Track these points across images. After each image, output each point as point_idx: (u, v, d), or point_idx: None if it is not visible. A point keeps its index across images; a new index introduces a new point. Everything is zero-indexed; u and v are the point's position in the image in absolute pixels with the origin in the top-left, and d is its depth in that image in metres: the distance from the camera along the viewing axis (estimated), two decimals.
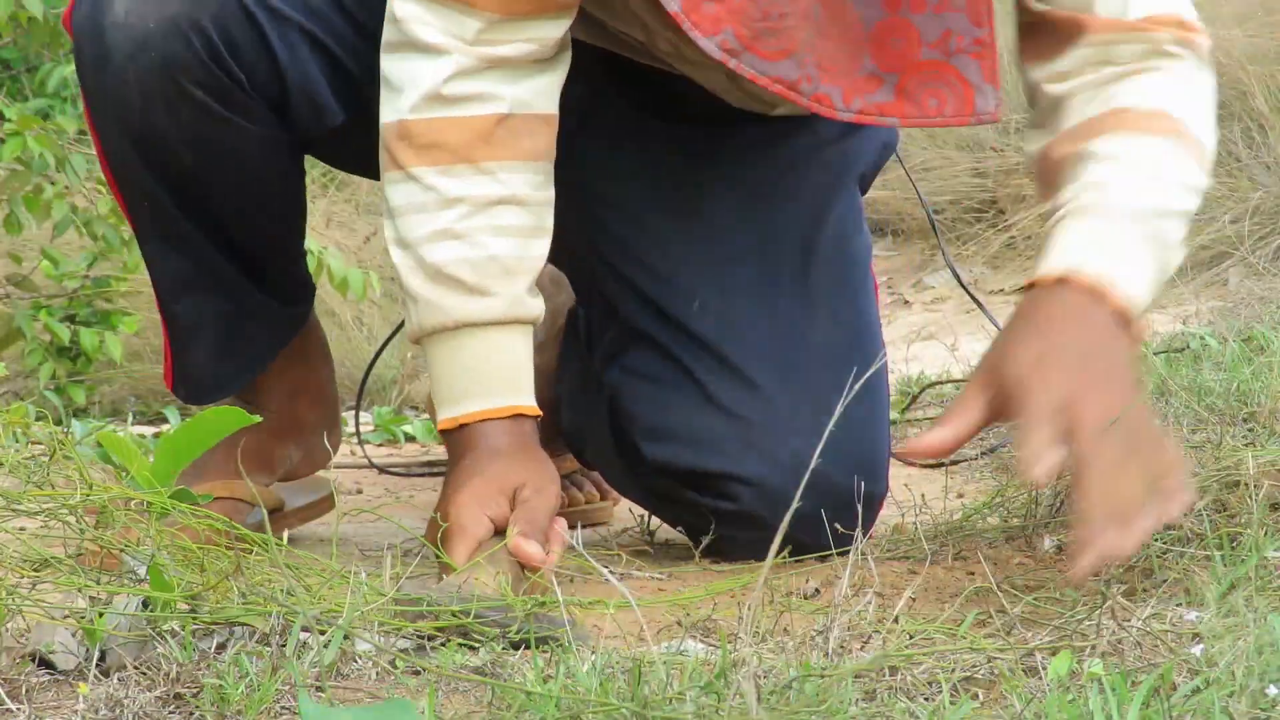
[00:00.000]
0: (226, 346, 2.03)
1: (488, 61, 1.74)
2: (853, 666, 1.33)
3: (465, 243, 1.74)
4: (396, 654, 1.47)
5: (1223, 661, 1.27)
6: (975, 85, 1.78)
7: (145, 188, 1.93)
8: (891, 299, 4.92)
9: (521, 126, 1.76)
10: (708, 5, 1.73)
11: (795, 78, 1.76)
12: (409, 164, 1.74)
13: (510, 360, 1.76)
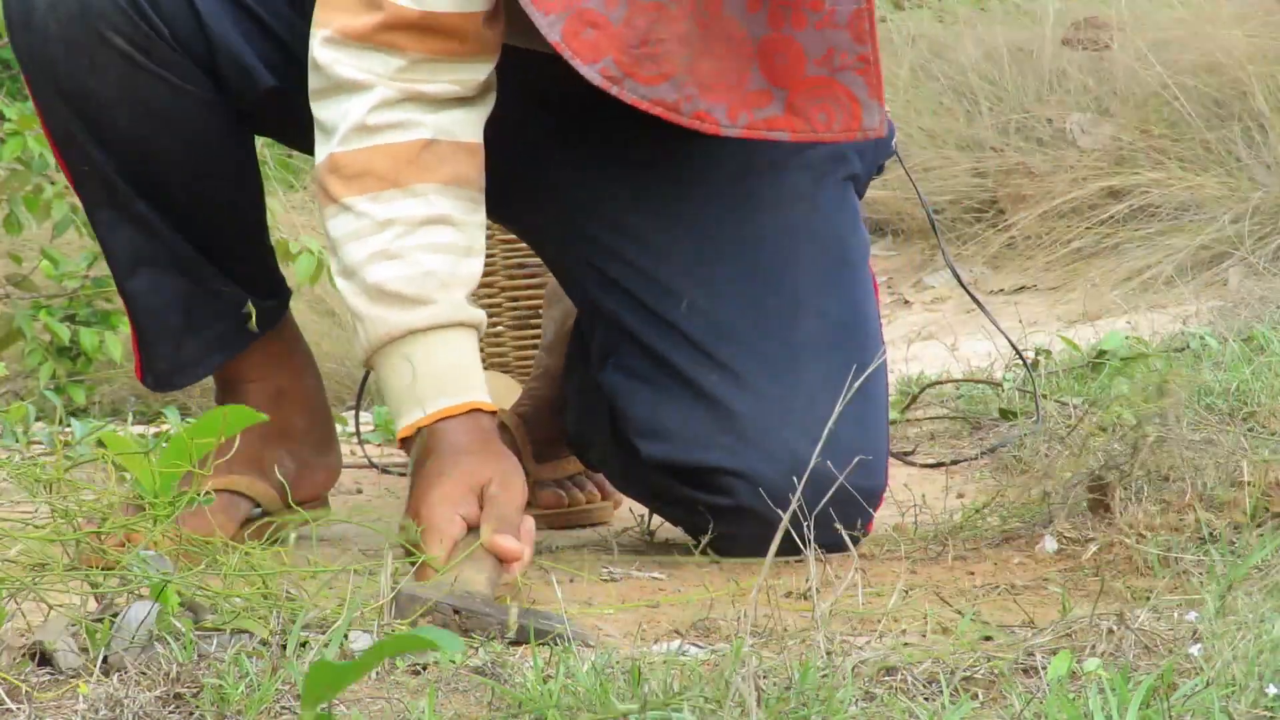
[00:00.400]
0: (187, 328, 2.03)
1: (409, 94, 1.79)
2: (852, 666, 1.33)
3: (401, 261, 1.78)
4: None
5: (1222, 661, 1.27)
6: (861, 101, 1.81)
7: (86, 152, 1.94)
8: (891, 299, 4.91)
9: (446, 152, 1.80)
10: (587, 33, 1.77)
11: (674, 99, 1.80)
12: (341, 195, 1.79)
13: (458, 359, 1.78)
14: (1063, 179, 4.48)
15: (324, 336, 4.10)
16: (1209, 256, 4.48)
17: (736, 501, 1.91)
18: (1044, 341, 3.29)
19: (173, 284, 2.01)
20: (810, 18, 1.78)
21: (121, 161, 1.95)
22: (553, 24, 1.77)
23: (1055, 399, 2.68)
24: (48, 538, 1.57)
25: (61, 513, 1.60)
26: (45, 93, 1.94)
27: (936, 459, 2.75)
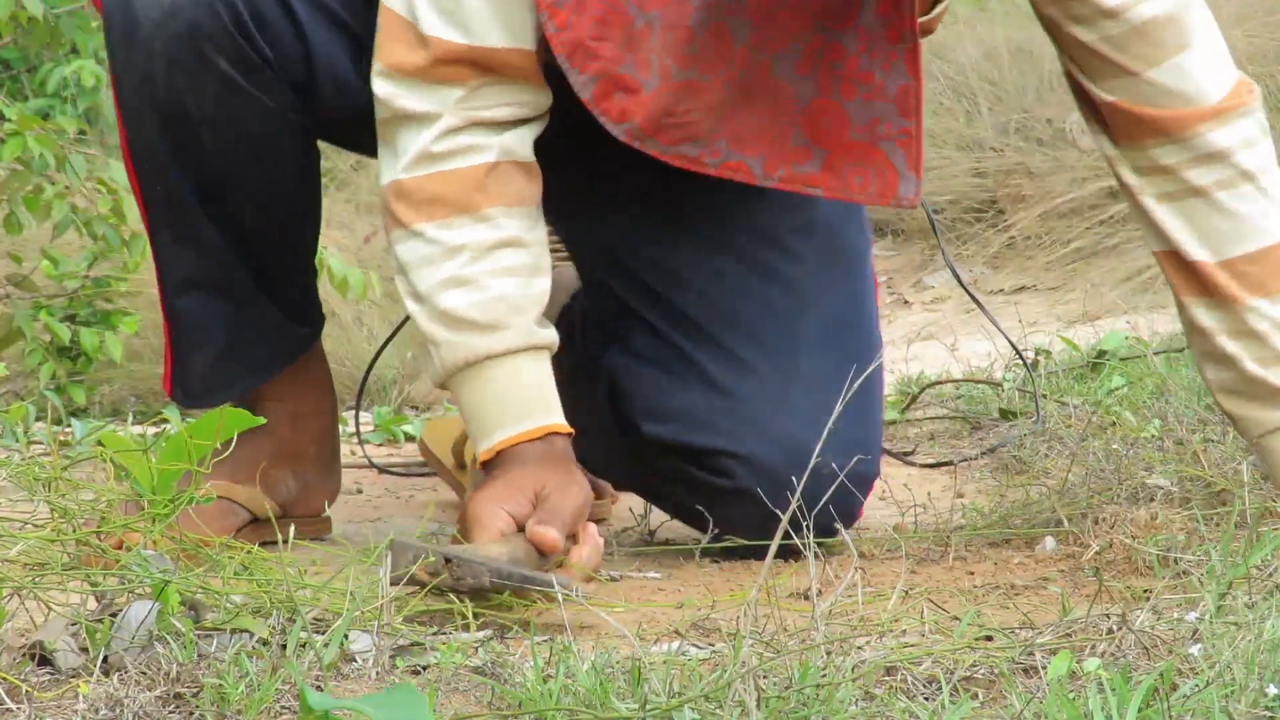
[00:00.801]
0: (228, 351, 2.05)
1: (473, 121, 1.83)
2: (852, 665, 1.33)
3: (472, 288, 1.82)
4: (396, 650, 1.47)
5: (1222, 661, 1.27)
6: (899, 172, 1.85)
7: (164, 172, 1.97)
8: (891, 299, 4.91)
9: (510, 173, 1.85)
10: (618, 96, 1.84)
11: (696, 154, 1.86)
12: (410, 222, 1.83)
13: (534, 382, 1.83)
14: (1063, 179, 4.48)
15: (324, 337, 4.09)
16: None
17: (735, 484, 1.94)
18: (1044, 341, 3.29)
19: (222, 308, 2.04)
20: (860, 89, 1.83)
21: (199, 182, 1.97)
22: (586, 84, 1.83)
23: (1055, 399, 2.68)
24: (48, 537, 1.57)
25: (61, 512, 1.60)
26: (136, 107, 1.96)
27: (936, 459, 2.75)
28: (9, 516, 1.64)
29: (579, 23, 1.81)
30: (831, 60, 1.84)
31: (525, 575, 1.59)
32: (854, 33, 1.82)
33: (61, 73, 5.18)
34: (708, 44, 1.83)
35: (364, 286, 3.43)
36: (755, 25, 1.83)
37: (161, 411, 3.54)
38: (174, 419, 3.06)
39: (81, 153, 3.41)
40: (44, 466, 1.66)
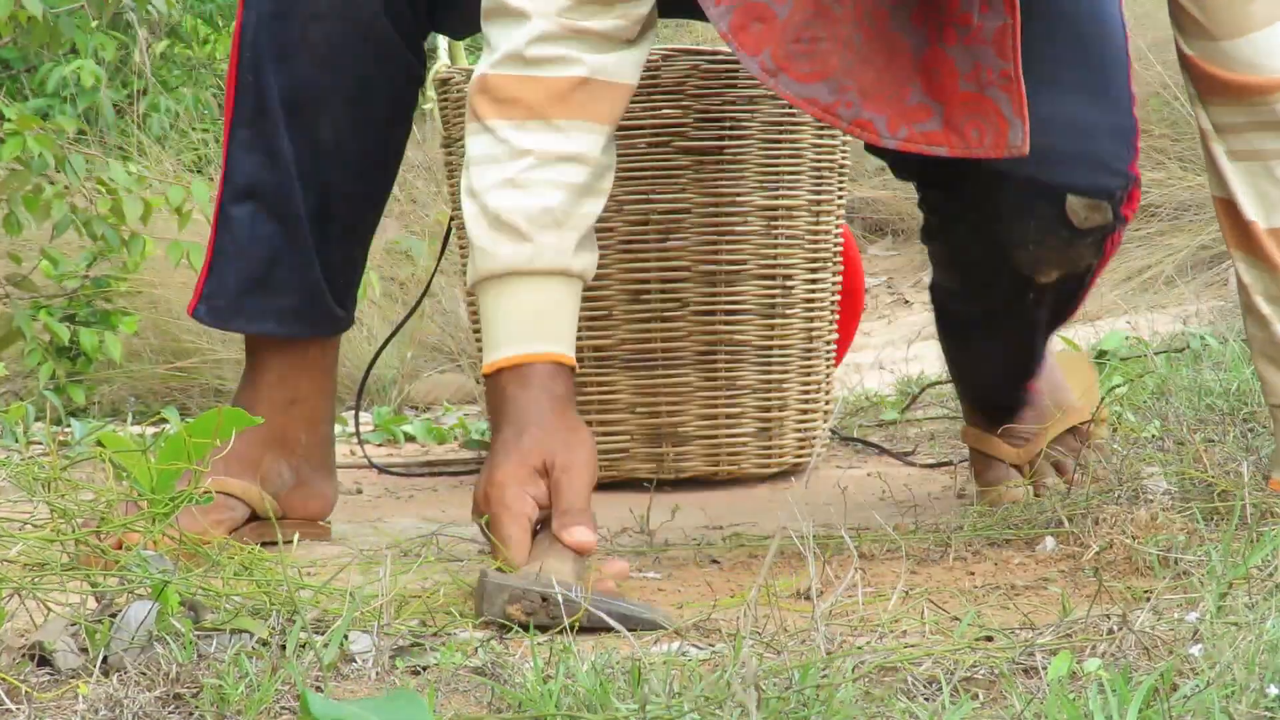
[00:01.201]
0: (262, 280, 2.05)
1: (572, 31, 1.81)
2: (852, 665, 1.33)
3: (525, 192, 1.80)
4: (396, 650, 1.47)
5: (1223, 662, 1.27)
6: (1008, 119, 1.83)
7: (261, 65, 2.00)
8: (892, 299, 4.92)
9: (599, 92, 1.83)
10: (754, 25, 1.81)
11: (831, 101, 1.82)
12: (486, 116, 1.82)
13: (552, 308, 1.82)
14: None
15: None
16: (1209, 256, 4.48)
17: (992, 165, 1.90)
18: None
19: (270, 231, 2.04)
20: (959, 33, 1.82)
21: (289, 87, 2.00)
22: (723, 14, 1.81)
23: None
24: (47, 538, 1.57)
25: (60, 512, 1.60)
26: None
27: (936, 459, 2.75)
28: (9, 516, 1.64)
29: None
30: (936, 5, 1.82)
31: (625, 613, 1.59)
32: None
33: (61, 73, 5.18)
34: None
35: (364, 286, 3.43)
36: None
37: (161, 412, 3.55)
38: (173, 419, 3.06)
39: (81, 152, 3.41)
40: (43, 466, 1.66)
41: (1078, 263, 1.94)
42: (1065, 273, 1.95)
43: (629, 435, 2.57)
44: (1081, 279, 2.01)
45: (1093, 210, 1.88)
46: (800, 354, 2.64)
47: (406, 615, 1.59)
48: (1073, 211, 1.87)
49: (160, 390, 4.13)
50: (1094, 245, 1.93)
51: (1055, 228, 1.89)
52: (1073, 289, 2.05)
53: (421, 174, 5.39)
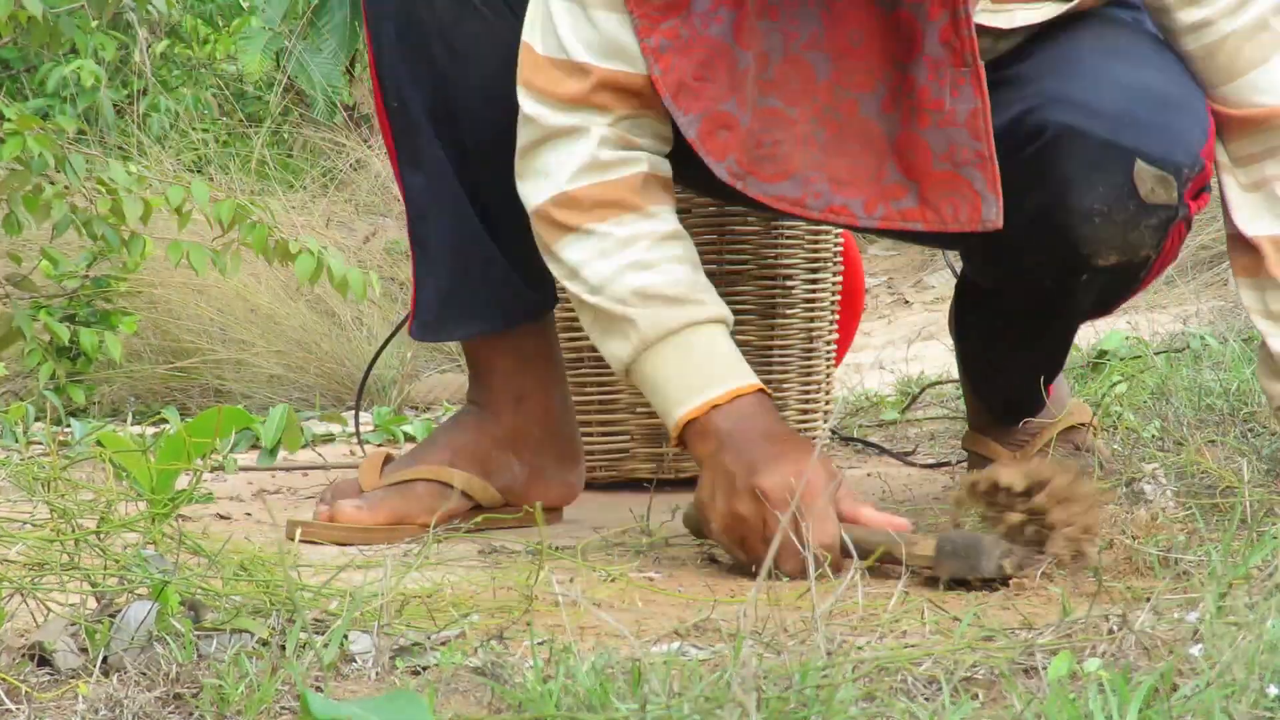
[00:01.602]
0: (455, 285, 2.13)
1: (623, 142, 1.93)
2: (852, 665, 1.33)
3: (656, 271, 1.91)
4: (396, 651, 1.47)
5: (1223, 662, 1.27)
6: (982, 195, 1.88)
7: (400, 85, 2.09)
8: (892, 299, 4.92)
9: (662, 184, 1.95)
10: (721, 133, 1.91)
11: (798, 195, 1.91)
12: (580, 223, 1.92)
13: (732, 351, 1.91)
14: None
15: (324, 337, 4.10)
16: (1209, 256, 4.49)
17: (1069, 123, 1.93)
18: None
19: (454, 240, 2.12)
20: (933, 117, 1.88)
21: (429, 97, 2.08)
22: (691, 123, 1.90)
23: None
24: (48, 538, 1.57)
25: (60, 512, 1.60)
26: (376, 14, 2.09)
27: (937, 459, 2.75)
28: (9, 516, 1.64)
29: (682, 65, 1.89)
30: (907, 92, 1.88)
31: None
32: (921, 62, 1.87)
33: (61, 72, 5.18)
34: (787, 74, 1.90)
35: (364, 286, 3.43)
36: (833, 60, 1.89)
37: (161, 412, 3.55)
38: (173, 419, 3.06)
39: (81, 152, 3.41)
40: (43, 466, 1.66)
41: (1137, 248, 1.93)
42: (1122, 260, 1.94)
43: (629, 435, 2.57)
44: (1132, 275, 2.00)
45: (1159, 183, 1.89)
46: (800, 354, 2.64)
47: (407, 615, 1.59)
48: (1140, 179, 1.88)
49: (160, 390, 4.13)
50: (1155, 230, 1.92)
51: (1122, 198, 1.89)
52: (1118, 288, 2.05)
53: None
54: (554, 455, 2.20)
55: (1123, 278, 2.00)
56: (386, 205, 5.29)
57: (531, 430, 2.18)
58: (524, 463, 2.18)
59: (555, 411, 2.20)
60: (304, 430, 2.99)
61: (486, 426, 2.17)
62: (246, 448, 2.93)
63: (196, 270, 3.43)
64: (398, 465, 2.18)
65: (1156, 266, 2.01)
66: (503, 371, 2.17)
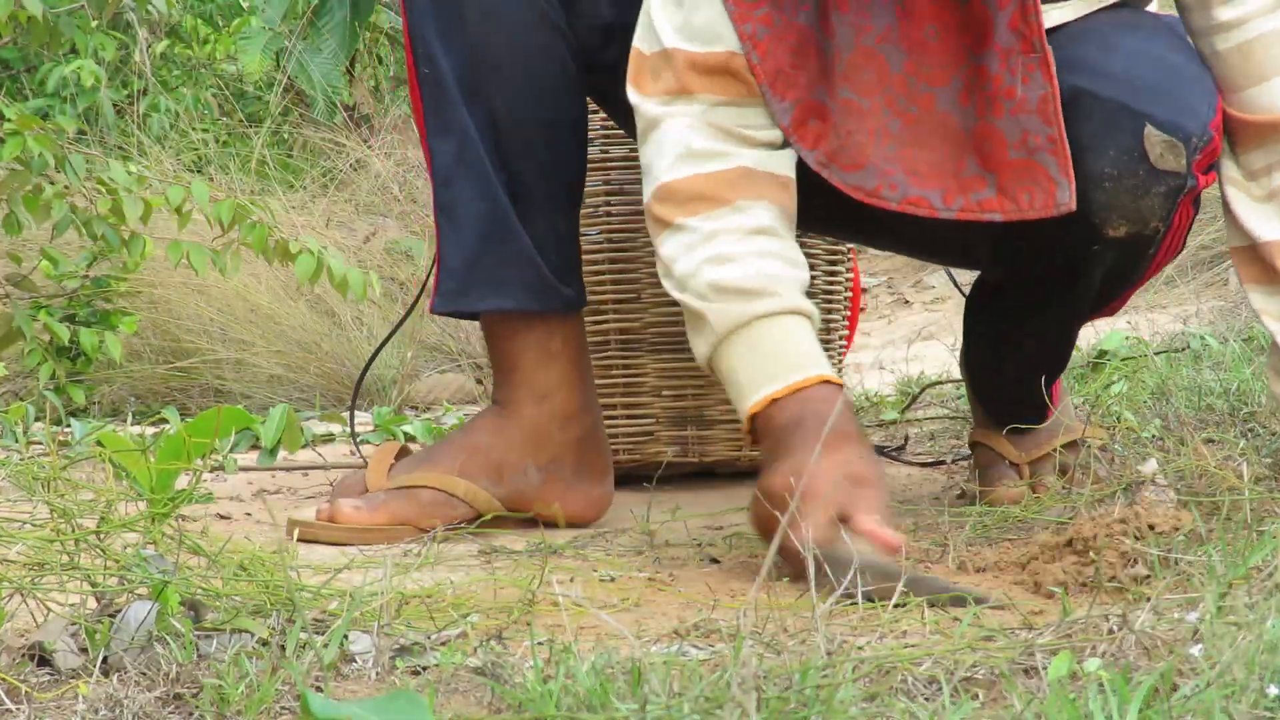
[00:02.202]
0: (478, 253, 2.12)
1: (721, 129, 1.93)
2: (852, 665, 1.33)
3: (736, 264, 1.90)
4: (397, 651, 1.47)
5: (1223, 662, 1.27)
6: (1055, 180, 1.90)
7: (433, 53, 2.09)
8: (892, 299, 4.92)
9: (761, 180, 1.93)
10: (812, 122, 1.93)
11: (873, 186, 1.93)
12: (674, 218, 1.93)
13: (803, 340, 1.90)
14: None
15: (324, 337, 4.10)
16: (1209, 256, 4.48)
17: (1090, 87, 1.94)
18: None
19: (480, 210, 2.12)
20: (1006, 105, 1.90)
21: (461, 67, 2.09)
22: (785, 110, 1.93)
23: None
24: (48, 538, 1.57)
25: (60, 512, 1.59)
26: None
27: (934, 457, 2.75)
28: (9, 516, 1.64)
29: (778, 51, 1.92)
30: (981, 84, 1.91)
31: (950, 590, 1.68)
32: (993, 52, 1.90)
33: (61, 72, 5.17)
34: (859, 66, 1.92)
35: (364, 286, 3.42)
36: (907, 54, 1.92)
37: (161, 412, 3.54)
38: (173, 419, 3.06)
39: (81, 152, 3.41)
40: (43, 466, 1.66)
41: (1146, 218, 1.94)
42: (1132, 231, 1.95)
43: (654, 419, 2.57)
44: (1140, 253, 2.01)
45: (1169, 149, 1.91)
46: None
47: (407, 615, 1.59)
48: (1150, 144, 1.90)
49: (160, 390, 4.12)
50: (1165, 199, 1.93)
51: (1133, 163, 1.91)
52: (1126, 268, 2.05)
53: (421, 174, 5.39)
54: (575, 462, 2.18)
55: (1131, 255, 2.00)
56: (386, 205, 5.29)
57: (553, 431, 2.16)
58: (541, 468, 2.16)
59: (578, 414, 2.18)
60: (304, 430, 2.99)
61: (505, 428, 2.15)
62: (246, 448, 2.93)
63: (196, 270, 3.43)
64: (408, 465, 2.16)
65: (1162, 252, 2.02)
66: (526, 366, 2.15)
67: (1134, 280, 2.08)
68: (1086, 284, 2.07)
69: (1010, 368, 2.26)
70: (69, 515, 1.59)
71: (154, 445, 1.65)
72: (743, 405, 1.89)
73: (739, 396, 1.90)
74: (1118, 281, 2.08)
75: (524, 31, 2.09)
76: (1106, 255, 2.00)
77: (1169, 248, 2.02)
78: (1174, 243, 2.02)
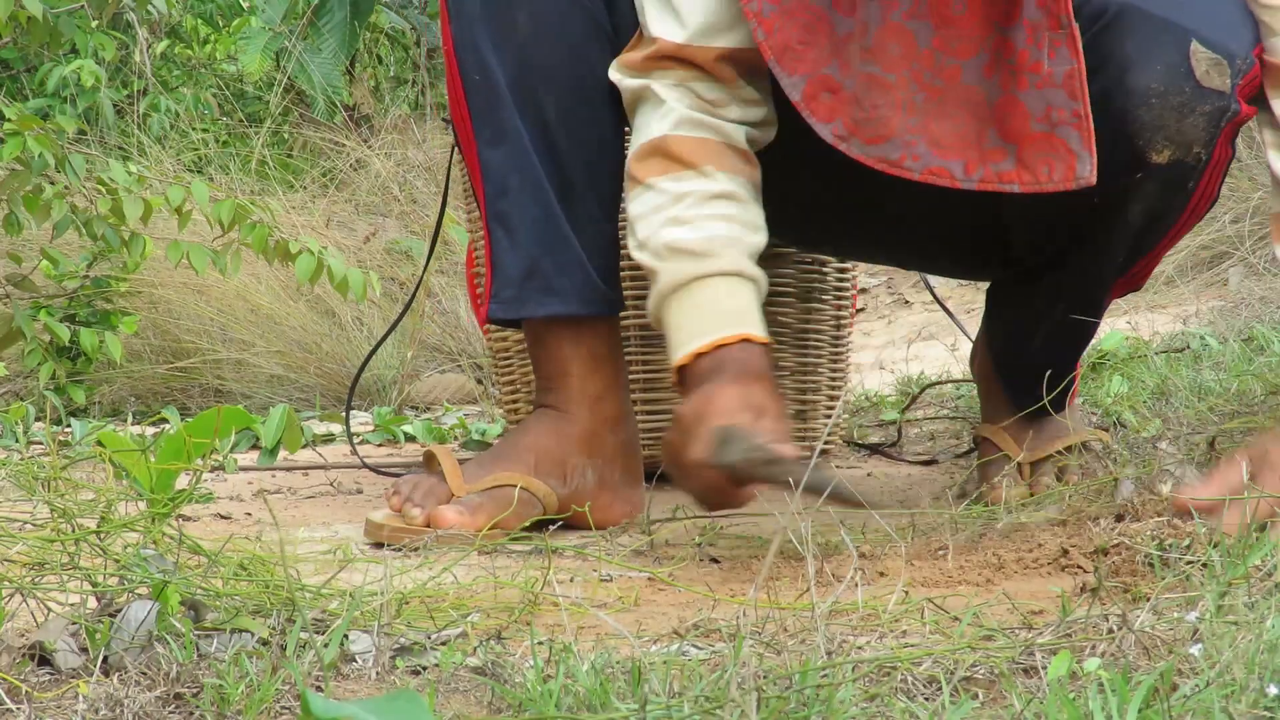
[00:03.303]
0: (535, 261, 2.15)
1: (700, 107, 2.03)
2: (852, 665, 1.33)
3: (691, 226, 1.99)
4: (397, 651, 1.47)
5: (1222, 662, 1.27)
6: (1077, 153, 1.93)
7: (483, 59, 2.13)
8: (892, 299, 4.92)
9: (731, 153, 2.03)
10: (825, 96, 1.98)
11: (897, 157, 1.98)
12: (646, 177, 2.02)
13: (737, 302, 1.98)
14: None
15: (324, 337, 4.10)
16: (1209, 256, 4.48)
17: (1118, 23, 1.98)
18: None
19: (534, 215, 2.15)
20: (1031, 79, 1.93)
21: (510, 69, 2.12)
22: (795, 85, 1.98)
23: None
24: (48, 538, 1.57)
25: (60, 512, 1.59)
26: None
27: (933, 456, 2.75)
28: (9, 516, 1.64)
29: (786, 27, 1.97)
30: (1006, 57, 1.94)
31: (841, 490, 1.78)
32: (1020, 26, 1.92)
33: (61, 73, 5.18)
34: (886, 41, 1.96)
35: (364, 286, 3.43)
36: (935, 28, 1.95)
37: (161, 412, 3.54)
38: (173, 419, 3.06)
39: (81, 152, 3.41)
40: (43, 466, 1.66)
41: (1190, 142, 1.96)
42: (1174, 156, 1.97)
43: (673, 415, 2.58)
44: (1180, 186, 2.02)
45: (1214, 66, 1.94)
46: (830, 339, 2.69)
47: (407, 615, 1.59)
48: (1196, 60, 1.93)
49: (160, 390, 4.13)
50: (1209, 123, 1.96)
51: (1178, 79, 1.94)
52: (1164, 205, 2.05)
53: (422, 174, 5.39)
54: (622, 467, 2.20)
55: (1171, 187, 2.02)
56: (386, 205, 5.29)
57: (605, 435, 2.18)
58: (596, 470, 2.18)
59: (624, 419, 2.21)
60: (304, 430, 2.99)
61: (564, 430, 2.16)
62: (246, 448, 2.93)
63: (196, 270, 3.43)
64: (481, 466, 2.15)
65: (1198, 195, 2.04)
66: (578, 373, 2.17)
67: (1169, 223, 2.09)
68: (1124, 226, 2.09)
69: (1039, 339, 2.26)
70: (69, 515, 1.59)
71: (154, 445, 1.65)
72: (673, 358, 1.98)
73: (671, 350, 1.99)
74: (1155, 224, 2.09)
75: (575, 37, 2.12)
76: (1148, 187, 2.03)
77: (1206, 190, 2.04)
78: (1212, 185, 2.04)
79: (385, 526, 2.04)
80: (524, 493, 2.11)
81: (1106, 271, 2.17)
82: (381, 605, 1.54)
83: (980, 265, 2.33)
